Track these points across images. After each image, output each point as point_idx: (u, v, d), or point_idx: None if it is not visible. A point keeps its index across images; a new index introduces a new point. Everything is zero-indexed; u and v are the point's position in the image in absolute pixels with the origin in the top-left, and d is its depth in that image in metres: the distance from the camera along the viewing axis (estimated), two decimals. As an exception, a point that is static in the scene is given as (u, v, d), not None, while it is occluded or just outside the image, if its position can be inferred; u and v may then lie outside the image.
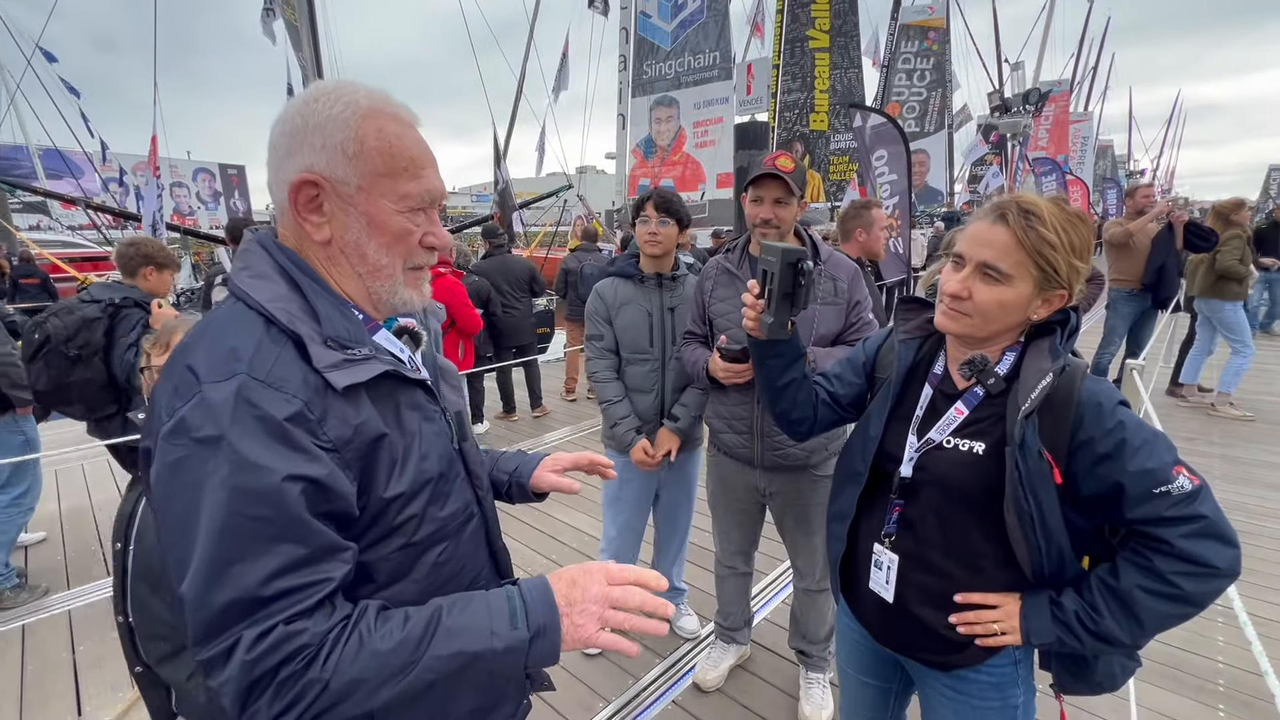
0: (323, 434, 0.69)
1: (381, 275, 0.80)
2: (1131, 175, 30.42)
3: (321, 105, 0.75)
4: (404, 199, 0.78)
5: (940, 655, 1.14)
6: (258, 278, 0.75)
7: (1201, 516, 0.94)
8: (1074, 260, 1.01)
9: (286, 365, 0.69)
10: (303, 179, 0.74)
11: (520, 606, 0.72)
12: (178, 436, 0.65)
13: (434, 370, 0.94)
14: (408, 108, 0.82)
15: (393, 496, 0.76)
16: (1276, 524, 3.36)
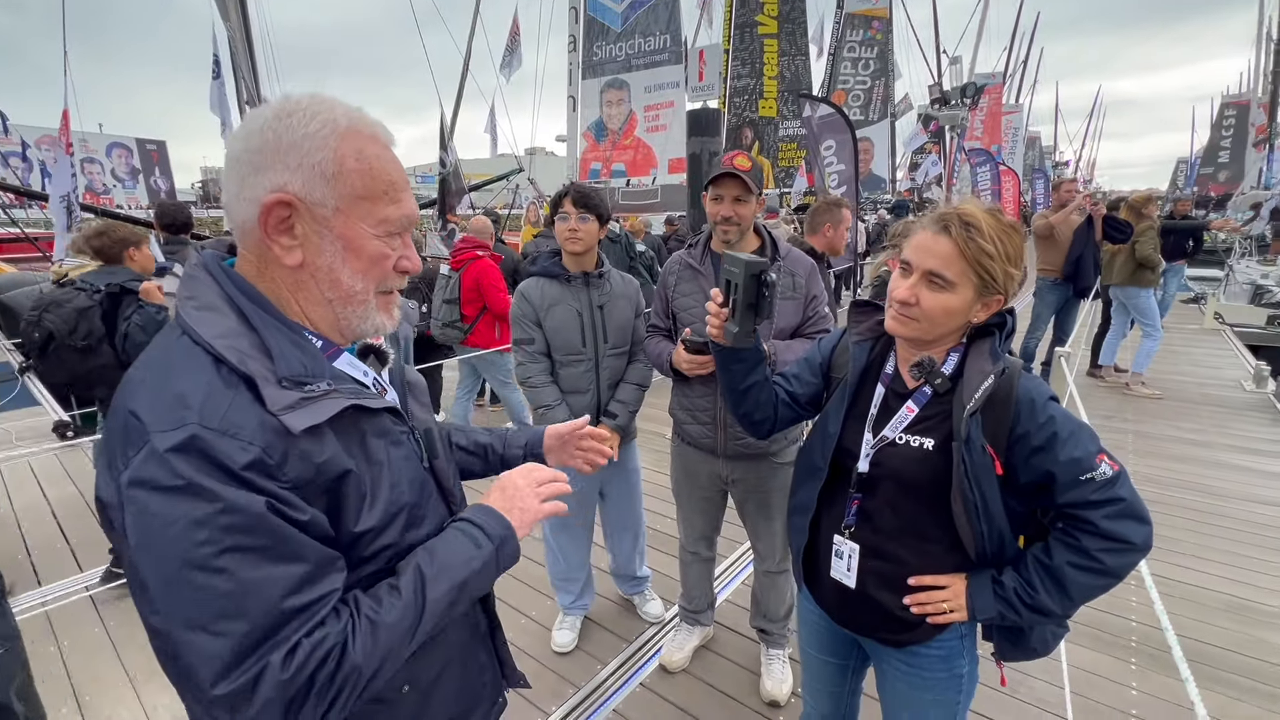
0: (283, 477, 0.67)
1: (354, 301, 0.77)
2: (1058, 166, 32.17)
3: (296, 122, 0.71)
4: (382, 223, 0.76)
5: (895, 634, 1.23)
6: (205, 310, 0.71)
7: (1121, 499, 1.05)
8: (1009, 268, 1.11)
9: (240, 410, 0.66)
10: (277, 199, 0.70)
11: (476, 530, 0.84)
12: (139, 487, 0.62)
13: (402, 388, 0.93)
14: (384, 127, 0.80)
15: (363, 530, 0.75)
16: (1181, 493, 3.71)
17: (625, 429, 2.24)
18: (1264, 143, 25.89)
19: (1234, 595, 2.75)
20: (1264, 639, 2.47)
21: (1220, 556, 3.05)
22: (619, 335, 2.20)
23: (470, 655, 0.97)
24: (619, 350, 2.21)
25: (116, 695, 2.28)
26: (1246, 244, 13.34)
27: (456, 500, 0.95)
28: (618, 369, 2.23)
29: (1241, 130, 32.95)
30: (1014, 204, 13.94)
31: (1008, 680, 1.30)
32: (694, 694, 2.25)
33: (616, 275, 2.26)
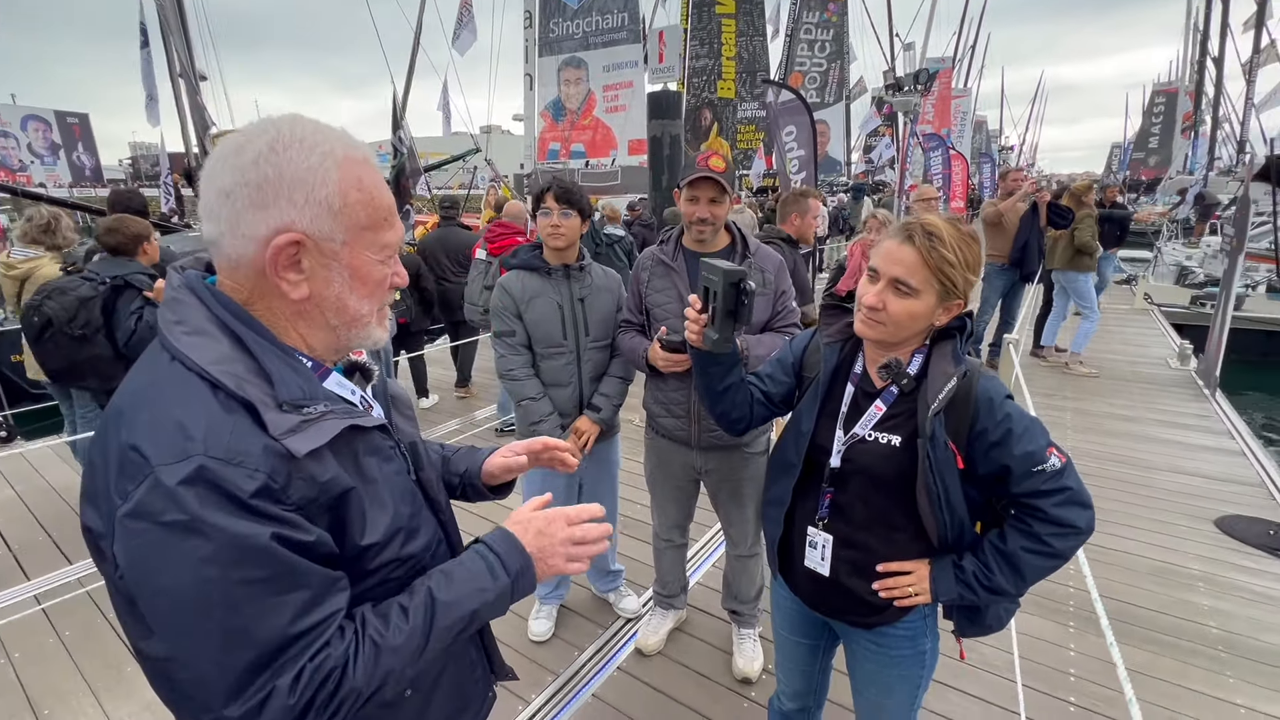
0: (288, 500, 0.67)
1: (359, 323, 0.79)
2: (1003, 150, 33.33)
3: (295, 155, 0.70)
4: (384, 249, 0.77)
5: (865, 617, 1.32)
6: (196, 334, 0.69)
7: (1068, 488, 1.15)
8: (968, 275, 1.18)
9: (243, 437, 0.65)
10: (289, 240, 0.69)
11: (495, 560, 0.84)
12: (140, 520, 0.61)
13: (386, 402, 0.93)
14: (364, 144, 0.79)
15: (368, 545, 0.77)
16: (1113, 466, 3.99)
17: (609, 423, 2.27)
18: (1190, 130, 27.37)
19: (1159, 560, 3.00)
20: (1186, 600, 2.71)
21: (1147, 525, 3.31)
22: (600, 328, 2.21)
23: (463, 654, 0.99)
24: (601, 343, 2.22)
25: (77, 705, 2.22)
26: (1173, 227, 14.18)
27: (443, 509, 0.96)
28: (600, 362, 2.24)
29: (1170, 117, 34.78)
30: (962, 188, 14.37)
31: (966, 654, 1.40)
32: (669, 675, 2.33)
33: (598, 268, 2.26)
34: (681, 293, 1.99)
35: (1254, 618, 2.60)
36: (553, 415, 2.18)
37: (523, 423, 2.23)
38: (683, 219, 2.00)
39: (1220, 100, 24.15)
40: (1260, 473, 3.85)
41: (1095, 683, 2.24)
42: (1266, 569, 2.91)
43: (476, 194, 13.88)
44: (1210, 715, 2.13)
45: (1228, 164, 23.61)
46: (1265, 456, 4.05)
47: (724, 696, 2.23)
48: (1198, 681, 2.27)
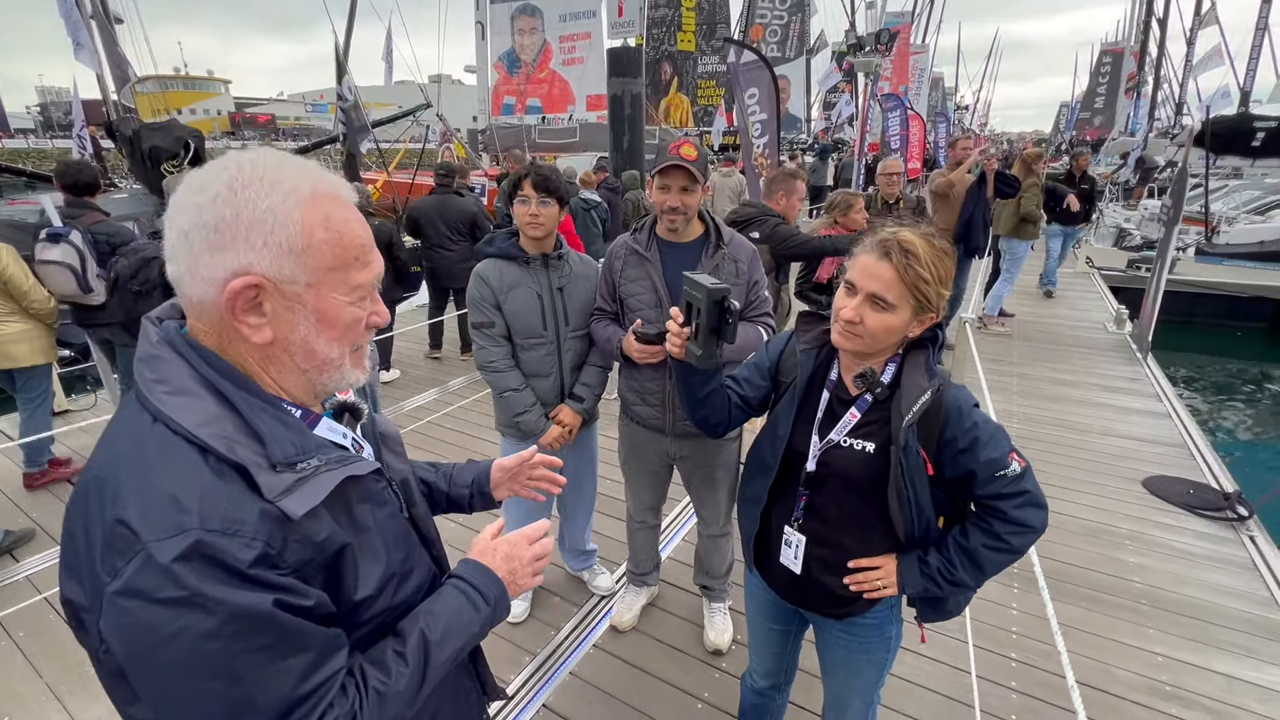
0: (285, 565, 0.66)
1: (330, 368, 0.75)
2: (959, 110, 33.71)
3: (255, 194, 0.66)
4: (355, 290, 0.74)
5: (835, 608, 1.40)
6: (179, 394, 0.66)
7: (1026, 491, 1.23)
8: (941, 290, 1.21)
9: (238, 504, 0.64)
10: (244, 284, 0.66)
11: (475, 593, 0.88)
12: (133, 598, 0.59)
13: (376, 441, 0.91)
14: (344, 183, 0.75)
15: (361, 599, 0.76)
16: (1052, 430, 4.25)
17: (591, 412, 2.27)
18: (1133, 90, 28.17)
19: (1091, 520, 3.24)
20: (1116, 558, 2.95)
21: (1082, 486, 3.56)
22: (580, 317, 2.18)
23: (459, 684, 1.00)
24: (581, 332, 2.20)
25: (39, 710, 2.17)
26: (1115, 189, 14.72)
27: (435, 544, 0.96)
28: (580, 351, 2.22)
29: (1116, 77, 35.66)
30: (919, 148, 14.54)
31: (927, 637, 1.50)
32: (644, 649, 2.42)
33: (575, 255, 2.22)
34: (655, 283, 1.98)
35: (1173, 572, 2.85)
36: (536, 406, 2.18)
37: (506, 415, 2.22)
38: (655, 208, 1.97)
39: (1162, 61, 24.88)
40: (1183, 434, 4.16)
41: (1034, 639, 2.44)
42: (1185, 526, 3.19)
43: (430, 148, 13.20)
44: (1134, 664, 2.35)
45: (1165, 125, 24.53)
46: (1188, 419, 4.37)
47: (696, 668, 2.34)
48: (1124, 634, 2.50)
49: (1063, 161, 26.46)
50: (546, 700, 2.20)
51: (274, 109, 53.67)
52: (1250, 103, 18.90)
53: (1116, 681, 2.28)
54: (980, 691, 2.17)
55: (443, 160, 7.96)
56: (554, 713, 2.16)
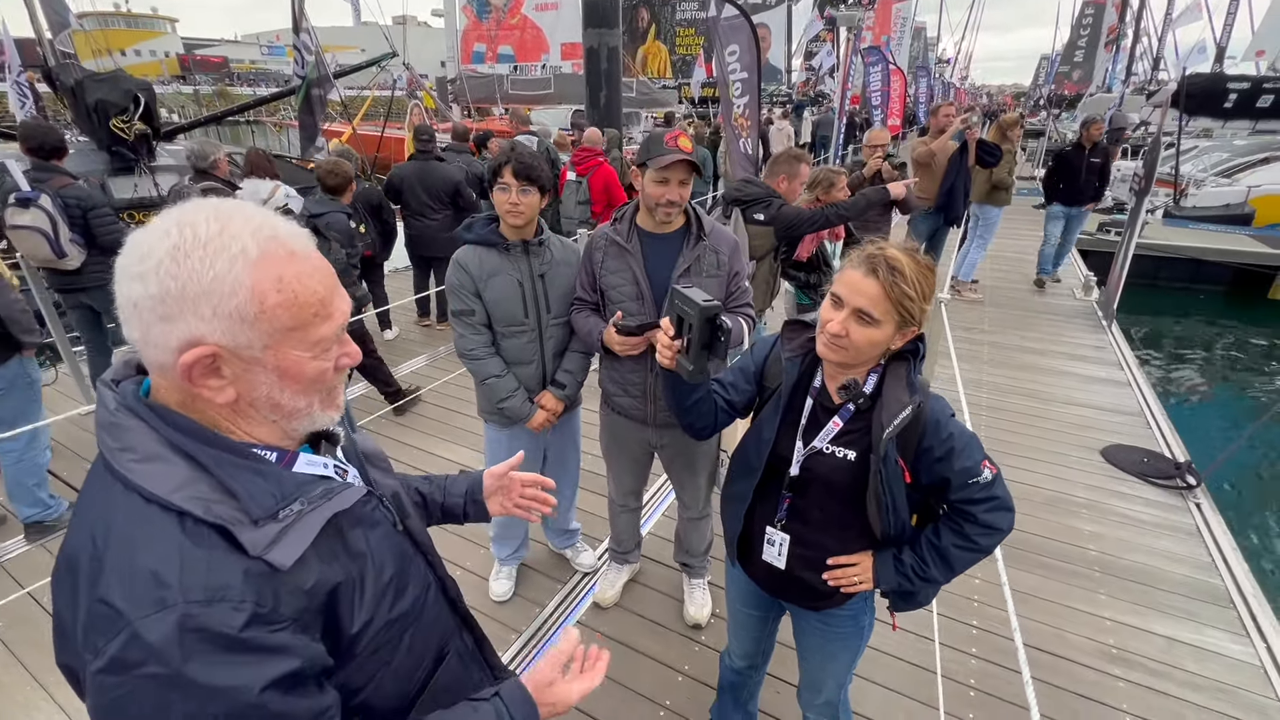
0: (280, 620, 0.65)
1: (299, 415, 0.74)
2: (940, 63, 33.17)
3: (197, 264, 0.63)
4: (317, 344, 0.71)
5: (814, 601, 1.46)
6: (148, 461, 0.65)
7: (996, 497, 1.28)
8: (924, 305, 1.23)
9: (220, 569, 0.62)
10: (198, 355, 0.64)
11: (507, 715, 0.85)
12: (114, 675, 0.58)
13: (360, 462, 0.91)
14: (299, 234, 0.71)
15: (359, 629, 0.76)
16: (1019, 399, 4.40)
17: (573, 399, 2.27)
18: (1113, 43, 27.97)
19: (1051, 490, 3.40)
20: (1073, 526, 3.11)
21: (1044, 456, 3.71)
22: (561, 304, 2.15)
23: (468, 679, 1.00)
24: (562, 319, 2.17)
25: (26, 700, 2.18)
26: (1089, 149, 14.76)
27: (431, 551, 0.97)
28: (562, 338, 2.21)
29: (1097, 29, 35.28)
30: (899, 104, 14.37)
31: (898, 625, 1.59)
32: (626, 625, 2.51)
33: (556, 241, 2.18)
34: (636, 275, 1.96)
35: (1123, 539, 3.03)
36: (519, 391, 2.17)
37: (488, 402, 2.21)
38: (645, 200, 1.92)
39: (1143, 14, 24.65)
40: (1141, 403, 4.34)
41: (993, 606, 2.59)
42: (1138, 494, 3.36)
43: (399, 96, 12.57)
44: (1085, 629, 2.52)
45: (1142, 81, 24.50)
46: (1146, 387, 4.55)
47: (677, 642, 2.44)
48: (1077, 600, 2.66)
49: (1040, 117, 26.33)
50: (533, 676, 2.28)
51: (227, 51, 50.37)
52: (1225, 59, 18.98)
53: (1068, 645, 2.44)
54: (942, 658, 2.30)
55: (420, 122, 7.64)
56: (541, 688, 2.24)
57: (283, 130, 10.55)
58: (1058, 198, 6.43)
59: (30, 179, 3.30)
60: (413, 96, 11.45)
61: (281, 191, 4.43)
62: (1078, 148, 6.24)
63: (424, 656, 0.90)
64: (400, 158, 8.08)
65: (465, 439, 3.84)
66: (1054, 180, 6.43)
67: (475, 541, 2.89)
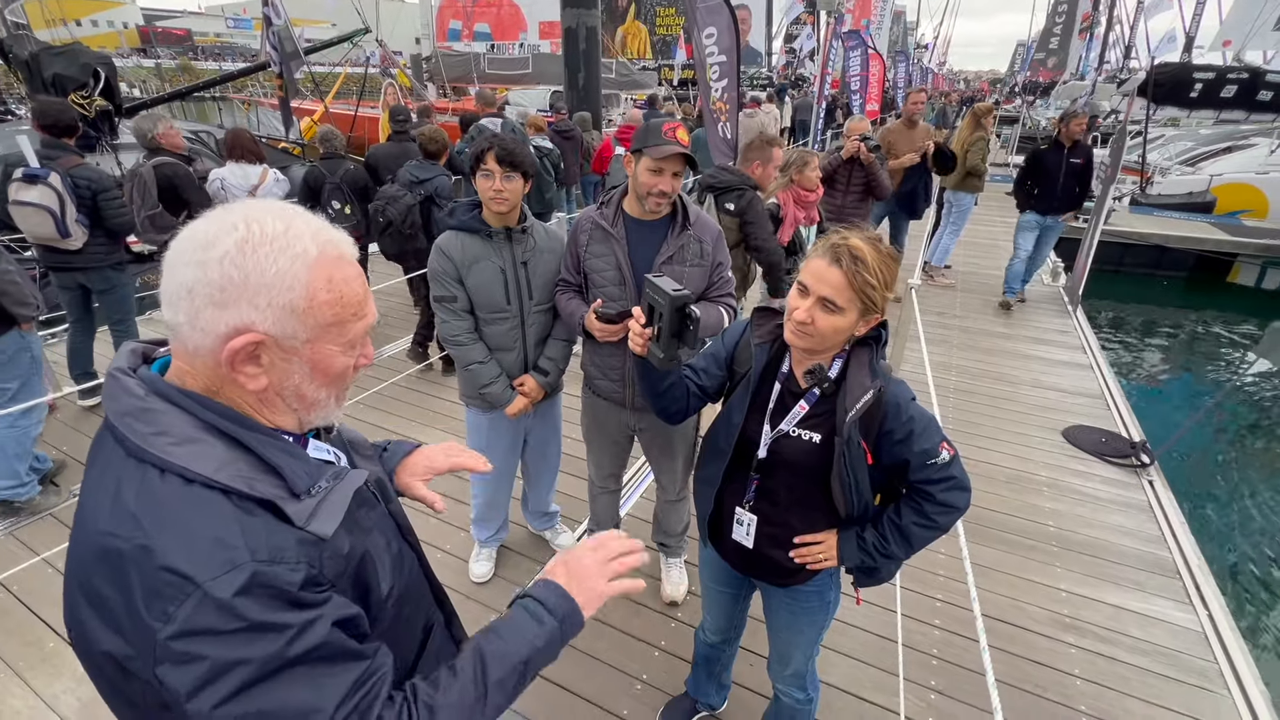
0: (326, 582, 0.71)
1: (318, 407, 0.80)
2: (918, 49, 33.29)
3: (264, 257, 0.68)
4: (349, 341, 0.77)
5: (782, 578, 1.53)
6: (186, 444, 0.68)
7: (953, 477, 1.35)
8: (885, 293, 1.29)
9: (277, 534, 0.68)
10: (247, 342, 0.68)
11: (538, 606, 0.88)
12: (194, 637, 0.61)
13: (347, 450, 0.95)
14: (346, 239, 0.77)
15: (386, 594, 0.82)
16: (987, 382, 4.53)
17: (554, 385, 2.29)
18: (1087, 31, 28.30)
19: (1014, 469, 3.54)
20: (1033, 504, 3.25)
21: (1009, 437, 3.85)
22: (544, 291, 2.17)
23: (445, 653, 1.04)
24: (545, 306, 2.19)
25: (1, 686, 2.17)
26: (1061, 136, 15.00)
27: (410, 531, 1.00)
28: (544, 325, 2.22)
29: (1072, 16, 35.68)
30: (878, 87, 14.42)
31: (862, 600, 1.68)
32: (605, 603, 2.57)
33: (540, 228, 2.18)
34: (620, 260, 1.99)
35: (1080, 515, 3.17)
36: (501, 378, 2.19)
37: (471, 386, 2.23)
38: (636, 187, 1.93)
39: (1116, 1, 24.93)
40: (1101, 385, 4.51)
41: (955, 580, 2.71)
42: (1095, 472, 3.51)
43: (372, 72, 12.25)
44: (1041, 599, 2.65)
45: (1114, 69, 24.89)
46: (1107, 370, 4.72)
47: (653, 619, 2.51)
48: (1034, 572, 2.80)
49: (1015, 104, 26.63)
50: (513, 654, 2.33)
51: (190, 23, 48.37)
52: (1194, 49, 19.35)
53: (1025, 615, 2.57)
54: (905, 629, 2.41)
55: (395, 102, 7.46)
56: (521, 665, 2.30)
57: (252, 108, 10.19)
58: (1031, 205, 5.55)
59: (40, 156, 3.28)
60: (386, 75, 11.18)
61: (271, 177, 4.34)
62: (1055, 146, 5.33)
63: (416, 630, 0.96)
64: (375, 138, 7.93)
65: (445, 423, 3.85)
66: (1027, 184, 5.55)
67: (455, 525, 2.93)
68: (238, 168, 4.24)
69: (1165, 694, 2.25)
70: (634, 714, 2.14)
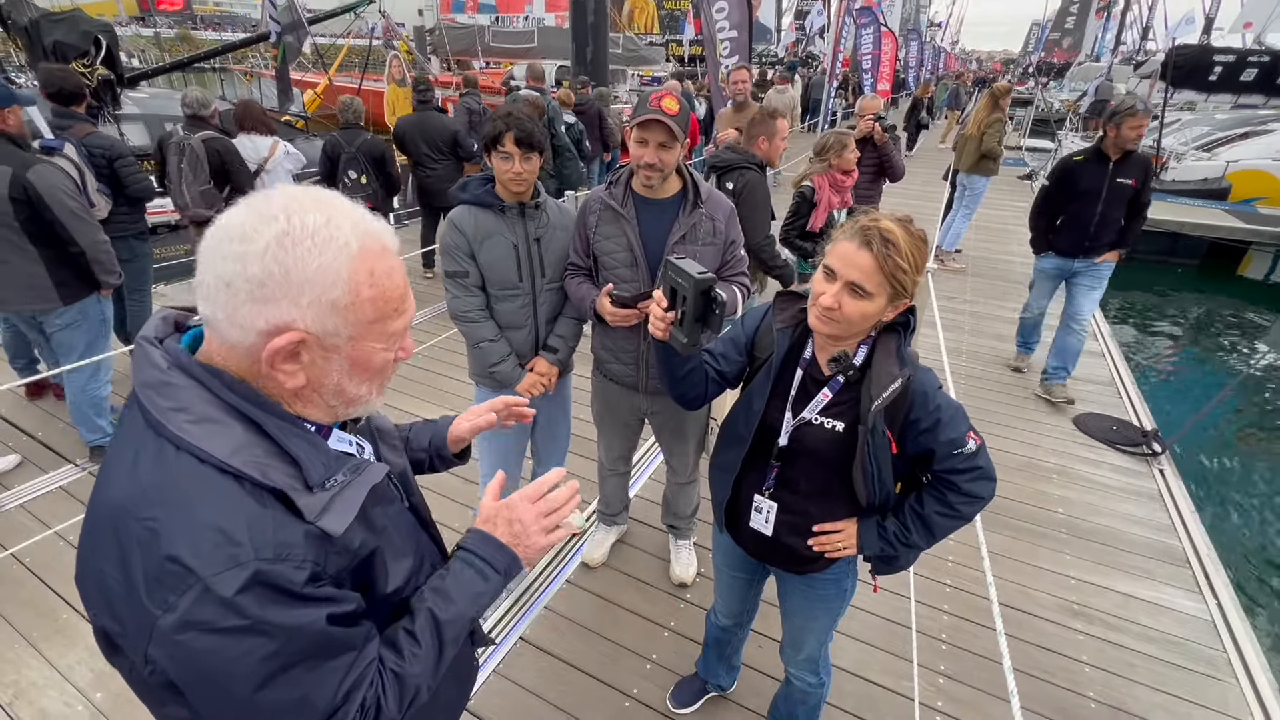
0: (329, 577, 0.70)
1: (359, 402, 0.78)
2: (931, 26, 32.59)
3: (305, 252, 0.65)
4: (391, 336, 0.75)
5: (799, 566, 1.52)
6: (203, 422, 0.66)
7: (980, 467, 1.33)
8: (916, 277, 1.25)
9: (284, 529, 0.66)
10: (288, 341, 0.66)
11: (483, 564, 0.88)
12: (190, 630, 0.61)
13: (374, 438, 0.93)
14: (387, 229, 0.73)
15: (392, 591, 0.81)
16: (998, 370, 4.50)
17: (565, 364, 2.27)
18: (1104, 10, 27.68)
19: (1025, 456, 3.52)
20: (1042, 490, 3.24)
21: (1020, 424, 3.83)
22: (557, 268, 2.13)
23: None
24: (557, 284, 2.15)
25: (16, 658, 2.19)
26: (1076, 119, 14.79)
27: (432, 525, 1.00)
28: (556, 303, 2.19)
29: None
30: (890, 67, 14.16)
31: (879, 588, 1.66)
32: (614, 584, 2.58)
33: (553, 204, 2.14)
34: (631, 241, 1.95)
35: (1090, 503, 3.16)
36: (511, 356, 2.15)
37: (480, 365, 2.20)
38: (632, 161, 1.90)
39: (1136, -22, 24.33)
40: (1113, 372, 4.47)
41: (966, 565, 2.71)
42: (1104, 460, 3.50)
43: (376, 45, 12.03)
44: (1051, 586, 2.65)
45: (1130, 51, 24.38)
46: (1118, 357, 4.68)
47: (663, 600, 2.52)
48: (1044, 559, 2.79)
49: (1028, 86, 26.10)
50: (523, 633, 2.35)
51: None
52: (1213, 30, 18.92)
53: (1033, 602, 2.57)
54: (917, 614, 2.42)
55: (401, 74, 7.33)
56: (530, 644, 2.31)
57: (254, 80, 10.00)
58: (1054, 242, 3.85)
59: (51, 127, 3.25)
60: (389, 47, 10.97)
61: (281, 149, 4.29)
62: (1096, 157, 3.60)
63: None
64: (379, 111, 7.80)
65: (454, 403, 3.84)
66: (1050, 211, 3.86)
67: (465, 504, 2.93)
68: (248, 139, 4.21)
69: (1173, 682, 2.26)
70: (644, 693, 2.15)
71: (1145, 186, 3.59)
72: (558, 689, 2.14)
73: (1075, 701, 2.18)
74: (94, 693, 2.07)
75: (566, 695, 2.13)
